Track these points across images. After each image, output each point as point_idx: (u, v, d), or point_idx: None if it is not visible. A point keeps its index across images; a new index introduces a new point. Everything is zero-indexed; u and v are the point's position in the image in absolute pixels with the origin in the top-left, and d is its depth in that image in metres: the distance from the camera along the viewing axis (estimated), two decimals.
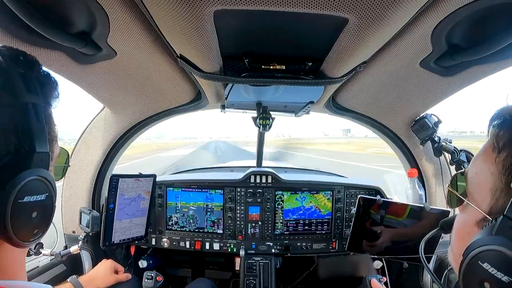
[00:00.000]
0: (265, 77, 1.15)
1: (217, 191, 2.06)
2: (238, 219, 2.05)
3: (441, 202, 1.84)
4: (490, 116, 0.60)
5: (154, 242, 2.06)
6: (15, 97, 0.53)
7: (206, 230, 2.06)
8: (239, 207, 2.05)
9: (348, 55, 0.98)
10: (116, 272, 1.63)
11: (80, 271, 1.74)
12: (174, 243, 2.04)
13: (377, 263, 2.02)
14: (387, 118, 1.80)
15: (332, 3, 0.69)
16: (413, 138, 1.81)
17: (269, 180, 2.06)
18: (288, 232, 2.05)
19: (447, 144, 1.67)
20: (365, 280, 1.48)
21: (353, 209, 1.70)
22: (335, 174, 2.79)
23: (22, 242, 0.53)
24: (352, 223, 1.67)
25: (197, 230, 2.06)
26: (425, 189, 1.87)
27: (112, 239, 1.68)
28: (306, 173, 2.93)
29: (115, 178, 1.62)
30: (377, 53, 1.06)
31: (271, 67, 1.10)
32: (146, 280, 1.68)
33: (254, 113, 1.77)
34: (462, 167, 1.61)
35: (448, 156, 1.71)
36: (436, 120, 1.65)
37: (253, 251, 2.03)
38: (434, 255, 1.71)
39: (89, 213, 1.68)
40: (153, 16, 0.83)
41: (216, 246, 2.04)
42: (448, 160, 1.75)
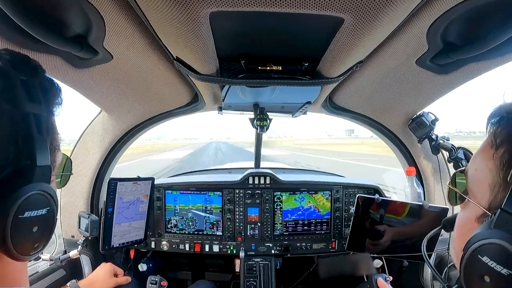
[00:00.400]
0: (262, 78, 1.14)
1: (216, 193, 2.05)
2: (237, 221, 2.04)
3: (440, 200, 1.84)
4: (488, 114, 0.61)
5: (154, 245, 2.05)
6: (16, 107, 0.51)
7: (206, 232, 2.05)
8: (238, 209, 2.05)
9: (345, 55, 0.98)
10: (116, 276, 1.63)
11: (80, 276, 1.73)
12: (174, 246, 2.04)
13: (377, 262, 2.02)
14: (385, 117, 1.81)
15: (328, 3, 0.69)
16: (411, 137, 1.81)
17: (268, 181, 2.06)
18: (288, 233, 2.05)
19: (445, 142, 1.67)
20: (371, 279, 1.48)
21: (352, 209, 1.70)
22: (333, 174, 2.80)
23: (22, 256, 0.53)
24: (351, 223, 1.67)
25: (197, 233, 2.05)
26: (424, 187, 1.88)
27: (112, 243, 1.67)
28: (304, 173, 2.94)
29: (113, 182, 1.62)
30: (374, 52, 1.06)
31: (268, 68, 1.10)
32: (150, 285, 1.68)
33: (251, 114, 1.77)
34: (460, 165, 1.62)
35: (446, 154, 1.72)
36: (433, 118, 1.66)
37: (253, 253, 2.02)
38: (434, 253, 1.71)
39: (88, 217, 1.67)
40: (149, 19, 0.83)
41: (216, 248, 2.03)
42: (446, 158, 1.75)
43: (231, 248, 2.03)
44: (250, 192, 2.05)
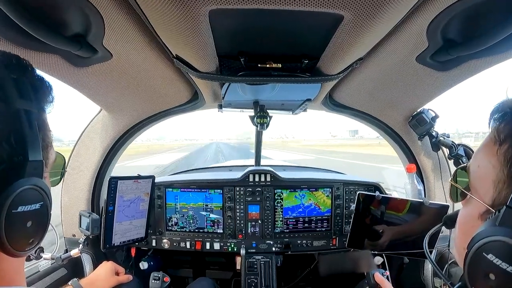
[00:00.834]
0: (262, 76, 1.14)
1: (216, 191, 2.06)
2: (238, 218, 2.05)
3: (440, 197, 1.84)
4: (491, 110, 0.60)
5: (155, 243, 2.05)
6: (7, 104, 0.52)
7: (206, 230, 2.06)
8: (239, 206, 2.05)
9: (344, 52, 0.98)
10: (117, 274, 1.63)
11: (81, 274, 1.74)
12: (175, 244, 2.04)
13: (378, 259, 2.02)
14: (385, 114, 1.80)
15: (327, 0, 0.69)
16: (411, 134, 1.81)
17: (268, 179, 2.06)
18: (288, 230, 2.05)
19: (445, 139, 1.67)
20: (369, 275, 1.48)
21: (353, 206, 1.71)
22: (334, 171, 2.80)
23: (18, 252, 0.53)
24: (352, 220, 1.68)
25: (197, 230, 2.06)
26: (424, 184, 1.88)
27: (113, 241, 1.68)
28: (305, 171, 2.94)
29: (114, 181, 1.62)
30: (373, 49, 1.06)
31: (267, 66, 1.10)
32: (153, 281, 1.68)
33: (252, 112, 1.77)
34: (461, 162, 1.62)
35: (446, 151, 1.72)
36: (434, 115, 1.65)
37: (254, 250, 2.03)
38: (435, 250, 1.72)
39: (89, 216, 1.67)
40: (148, 17, 0.83)
41: (217, 246, 2.04)
42: (446, 155, 1.75)
43: (232, 246, 2.04)
44: (251, 190, 2.05)
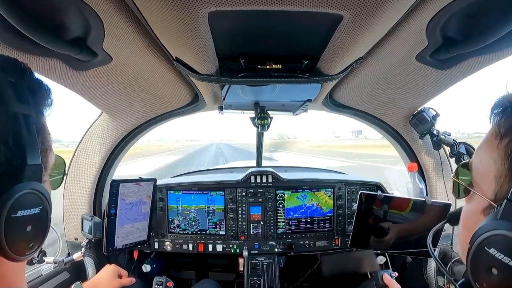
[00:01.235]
0: (262, 77, 1.14)
1: (218, 193, 2.06)
2: (240, 220, 2.04)
3: (442, 195, 1.84)
4: (492, 105, 0.60)
5: (157, 246, 2.05)
6: (5, 108, 0.52)
7: (209, 232, 2.05)
8: (241, 208, 2.05)
9: (344, 52, 0.98)
10: (120, 277, 1.62)
11: (84, 278, 1.74)
12: (177, 246, 2.04)
13: (381, 259, 2.02)
14: (385, 113, 1.80)
15: (326, 0, 0.69)
16: (412, 132, 1.81)
17: (270, 180, 2.06)
18: (291, 231, 2.05)
19: (446, 137, 1.67)
20: (377, 275, 1.48)
21: (355, 205, 1.70)
22: (335, 171, 2.79)
23: (18, 256, 0.53)
24: (354, 219, 1.67)
25: (200, 232, 2.05)
26: (426, 183, 1.87)
27: (115, 245, 1.68)
28: (306, 171, 2.94)
29: (116, 184, 1.62)
30: (373, 49, 1.06)
31: (268, 67, 1.10)
32: (156, 286, 1.68)
33: (252, 113, 1.77)
34: (462, 159, 1.61)
35: (448, 149, 1.71)
36: (434, 114, 1.65)
37: (256, 251, 2.03)
38: (438, 248, 1.71)
39: (91, 220, 1.67)
40: (148, 20, 0.83)
41: (219, 248, 2.03)
42: (448, 153, 1.75)
43: (235, 247, 2.03)
44: (253, 191, 2.05)
